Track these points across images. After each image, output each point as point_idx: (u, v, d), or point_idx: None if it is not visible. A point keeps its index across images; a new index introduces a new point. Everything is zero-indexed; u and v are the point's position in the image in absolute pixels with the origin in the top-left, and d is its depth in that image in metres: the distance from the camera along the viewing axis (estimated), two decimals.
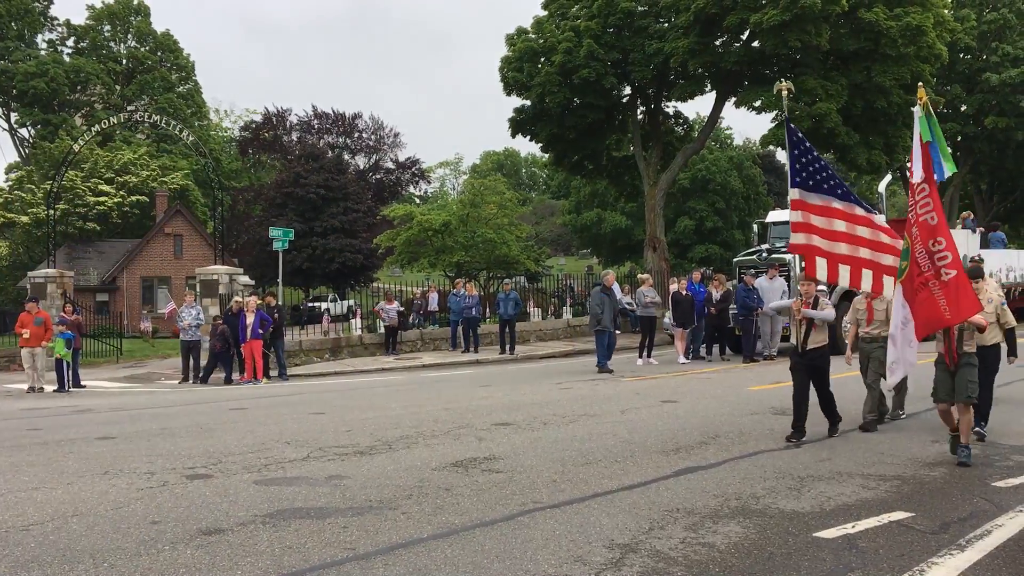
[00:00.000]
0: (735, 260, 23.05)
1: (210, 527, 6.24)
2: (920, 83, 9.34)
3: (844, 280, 9.70)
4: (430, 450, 9.15)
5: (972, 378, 8.33)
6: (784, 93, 10.73)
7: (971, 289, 8.31)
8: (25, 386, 19.19)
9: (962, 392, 8.32)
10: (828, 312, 9.48)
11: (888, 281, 9.27)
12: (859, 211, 9.57)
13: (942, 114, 41.26)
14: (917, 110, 8.54)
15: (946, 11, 32.88)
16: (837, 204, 9.47)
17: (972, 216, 28.95)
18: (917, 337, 8.48)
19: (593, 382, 15.90)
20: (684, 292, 20.04)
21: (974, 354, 8.46)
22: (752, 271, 20.42)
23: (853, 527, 6.07)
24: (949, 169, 8.74)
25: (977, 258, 19.43)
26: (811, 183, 9.51)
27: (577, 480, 7.51)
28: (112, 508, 6.84)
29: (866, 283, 9.72)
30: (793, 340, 9.79)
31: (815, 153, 9.68)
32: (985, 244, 27.50)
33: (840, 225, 9.46)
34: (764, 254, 21.28)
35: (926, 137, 8.33)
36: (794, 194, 9.54)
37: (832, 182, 9.50)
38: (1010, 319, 9.46)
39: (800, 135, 9.74)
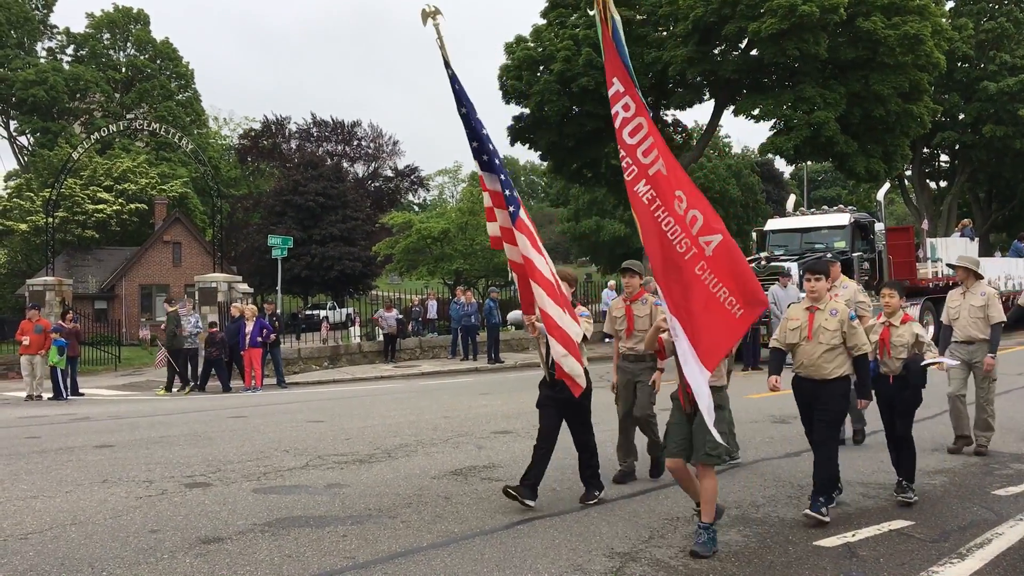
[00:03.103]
0: None
1: (209, 536, 6.23)
2: None
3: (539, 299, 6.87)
4: (429, 458, 9.14)
5: (718, 427, 5.80)
6: (435, 24, 6.68)
7: (744, 262, 5.77)
8: (24, 394, 19.18)
9: (700, 446, 5.86)
10: (574, 328, 6.93)
11: (540, 292, 6.63)
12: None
13: (940, 123, 41.35)
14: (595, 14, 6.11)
15: (944, 20, 33.01)
16: (508, 192, 6.97)
17: (971, 224, 28.94)
18: (708, 367, 5.61)
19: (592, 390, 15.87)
20: None
21: (723, 390, 6.19)
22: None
23: (853, 536, 6.07)
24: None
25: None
26: (484, 158, 6.99)
27: (577, 489, 7.50)
28: (111, 517, 6.82)
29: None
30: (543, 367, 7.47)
31: (478, 117, 7.02)
32: (984, 251, 27.52)
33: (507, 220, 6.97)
34: (763, 262, 21.30)
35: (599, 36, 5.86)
36: (486, 178, 7.05)
37: (497, 159, 7.03)
38: (861, 342, 6.64)
39: (461, 86, 6.89)
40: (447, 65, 6.82)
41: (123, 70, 65.07)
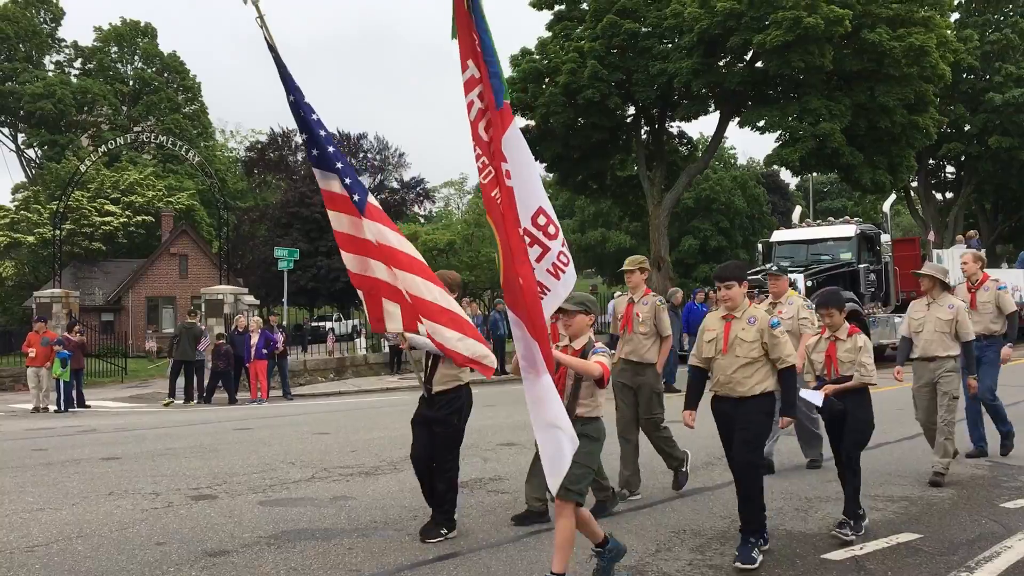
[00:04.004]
0: None
1: (215, 548, 6.23)
2: None
3: (395, 322, 6.18)
4: None
5: (585, 459, 5.08)
6: (255, 2, 5.78)
7: (535, 295, 4.71)
8: (30, 406, 19.22)
9: (569, 479, 4.90)
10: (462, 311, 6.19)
11: (408, 277, 5.83)
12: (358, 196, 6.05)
13: (945, 134, 41.33)
14: None
15: (949, 32, 33.09)
16: (349, 191, 6.05)
17: (978, 236, 28.87)
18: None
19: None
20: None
21: (595, 421, 5.34)
22: (756, 291, 20.40)
23: (861, 549, 6.03)
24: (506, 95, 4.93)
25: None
26: (315, 152, 6.05)
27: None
28: (117, 529, 6.82)
29: (394, 323, 6.20)
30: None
31: (307, 103, 6.05)
32: (991, 263, 27.34)
33: (367, 230, 6.06)
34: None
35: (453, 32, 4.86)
36: (317, 175, 6.16)
37: (331, 150, 6.08)
38: (785, 353, 5.84)
39: (287, 72, 6.02)
40: (272, 49, 5.98)
41: (130, 83, 65.39)
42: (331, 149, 6.05)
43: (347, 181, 5.98)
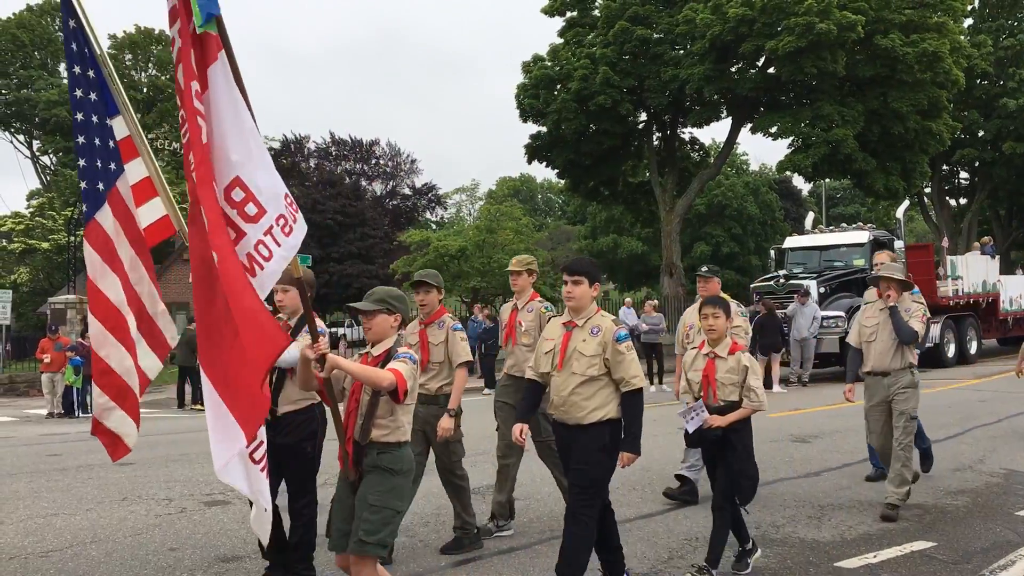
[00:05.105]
0: (752, 286, 23.01)
1: (228, 554, 6.26)
2: None
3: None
4: None
5: (384, 499, 4.29)
6: None
7: (247, 288, 3.93)
8: (45, 411, 19.33)
9: (356, 527, 4.24)
10: (290, 351, 4.45)
11: (97, 326, 4.92)
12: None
13: (959, 140, 41.14)
14: None
15: (962, 37, 32.93)
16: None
17: (992, 242, 28.73)
18: (241, 421, 3.99)
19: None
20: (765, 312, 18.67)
21: (396, 448, 4.40)
22: (769, 297, 20.36)
23: (875, 557, 6.01)
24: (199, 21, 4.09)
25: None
26: (80, 141, 5.04)
27: None
28: (131, 535, 6.86)
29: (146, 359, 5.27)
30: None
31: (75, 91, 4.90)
32: (1004, 269, 27.18)
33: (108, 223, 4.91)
34: (781, 280, 21.24)
35: None
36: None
37: (82, 136, 5.00)
38: (630, 374, 4.83)
39: (92, 47, 5.12)
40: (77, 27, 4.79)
41: (144, 90, 65.78)
42: (81, 140, 5.00)
43: (82, 185, 4.94)
